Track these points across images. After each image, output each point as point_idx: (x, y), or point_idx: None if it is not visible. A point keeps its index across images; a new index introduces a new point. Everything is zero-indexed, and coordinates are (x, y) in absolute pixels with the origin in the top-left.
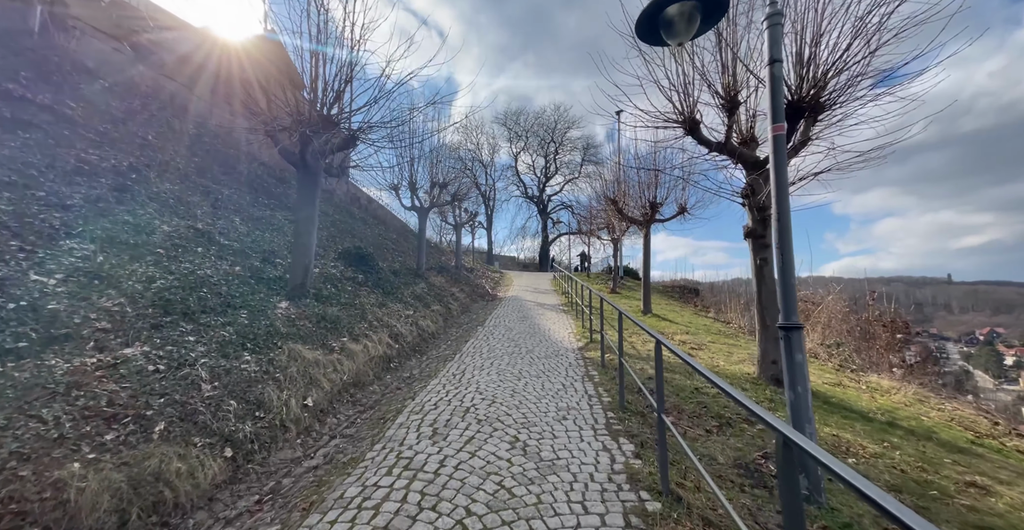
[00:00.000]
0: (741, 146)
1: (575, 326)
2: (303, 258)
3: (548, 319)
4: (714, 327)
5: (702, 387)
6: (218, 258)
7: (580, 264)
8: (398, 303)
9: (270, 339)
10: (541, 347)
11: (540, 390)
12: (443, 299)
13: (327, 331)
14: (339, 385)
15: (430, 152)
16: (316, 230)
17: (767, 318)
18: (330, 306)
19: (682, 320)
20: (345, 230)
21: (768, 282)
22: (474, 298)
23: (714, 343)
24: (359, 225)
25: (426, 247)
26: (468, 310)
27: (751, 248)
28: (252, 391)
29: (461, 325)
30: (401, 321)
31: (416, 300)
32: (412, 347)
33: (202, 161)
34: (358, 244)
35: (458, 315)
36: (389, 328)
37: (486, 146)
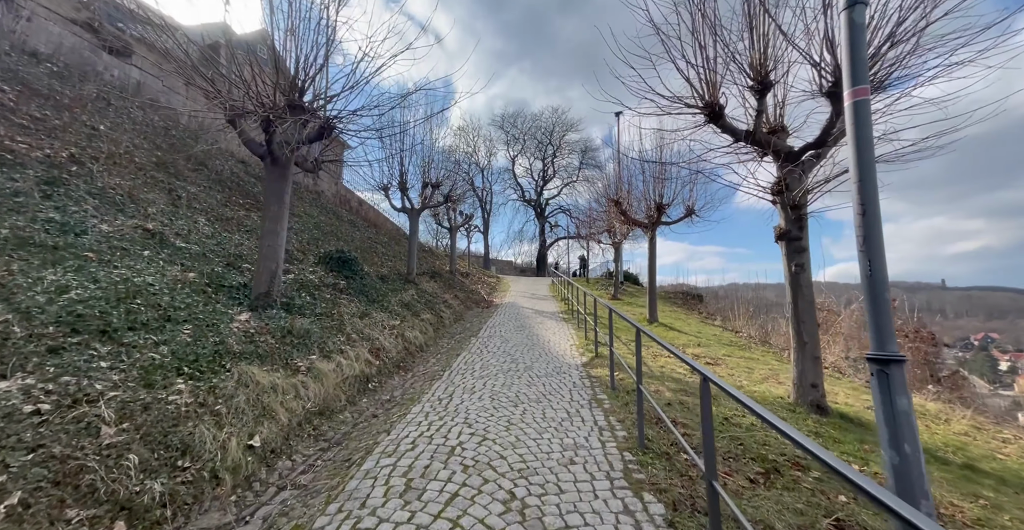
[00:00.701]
0: (770, 135)
1: (576, 337)
2: (269, 263)
3: (547, 329)
4: (724, 337)
5: (732, 416)
6: (168, 263)
7: (579, 269)
8: (383, 312)
9: (217, 360)
10: (541, 363)
11: (541, 420)
12: (435, 307)
13: (293, 348)
14: (300, 415)
15: (420, 146)
16: (286, 231)
17: (804, 333)
18: (301, 317)
19: (690, 330)
20: (330, 233)
21: (805, 291)
22: (468, 305)
23: (730, 357)
24: (347, 228)
25: (418, 251)
26: (462, 318)
27: (784, 252)
28: (177, 432)
29: (454, 335)
30: (385, 333)
31: (404, 308)
32: (396, 363)
33: (167, 155)
34: (341, 247)
35: (450, 324)
36: (370, 341)
37: (483, 149)
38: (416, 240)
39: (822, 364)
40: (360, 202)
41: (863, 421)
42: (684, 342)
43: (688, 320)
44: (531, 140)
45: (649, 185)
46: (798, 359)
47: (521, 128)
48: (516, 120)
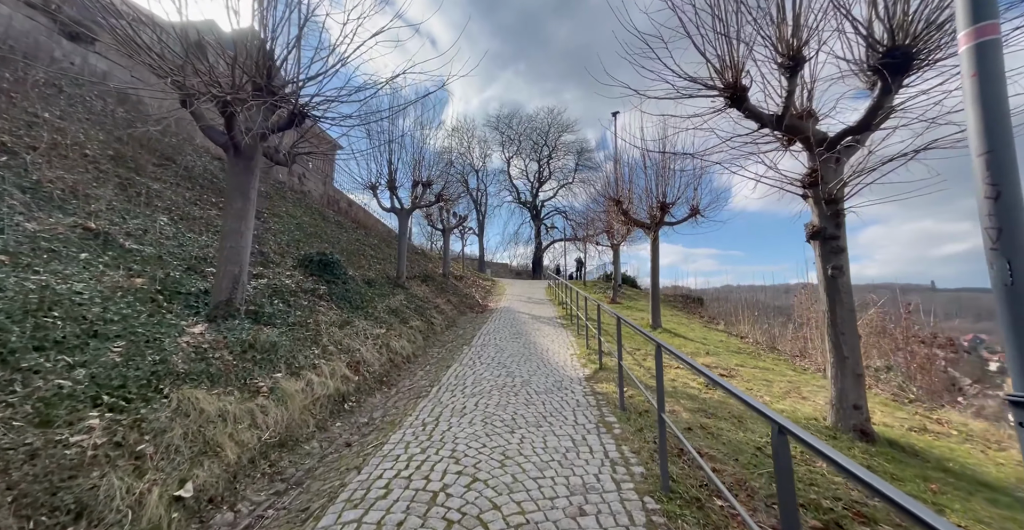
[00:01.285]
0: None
1: (577, 345)
2: (231, 266)
3: (545, 336)
4: (731, 344)
5: (764, 445)
6: (109, 267)
7: (576, 271)
8: (367, 320)
9: (151, 385)
10: (539, 376)
11: (542, 451)
12: (425, 312)
13: (255, 364)
14: (254, 449)
15: (410, 142)
16: (251, 230)
17: (844, 346)
18: (270, 328)
19: (695, 335)
20: (314, 234)
21: (844, 298)
22: (462, 310)
23: (743, 367)
24: (333, 229)
25: (407, 253)
26: (454, 324)
27: (818, 253)
28: (72, 487)
29: (445, 344)
30: (367, 344)
31: (391, 315)
32: (379, 378)
33: (127, 148)
34: (324, 249)
35: (442, 331)
36: (349, 354)
37: (477, 150)
38: (405, 242)
39: (865, 382)
40: (350, 203)
41: (916, 450)
42: (692, 350)
43: (691, 325)
44: (526, 141)
45: (652, 183)
46: (837, 376)
47: (516, 129)
48: (511, 121)
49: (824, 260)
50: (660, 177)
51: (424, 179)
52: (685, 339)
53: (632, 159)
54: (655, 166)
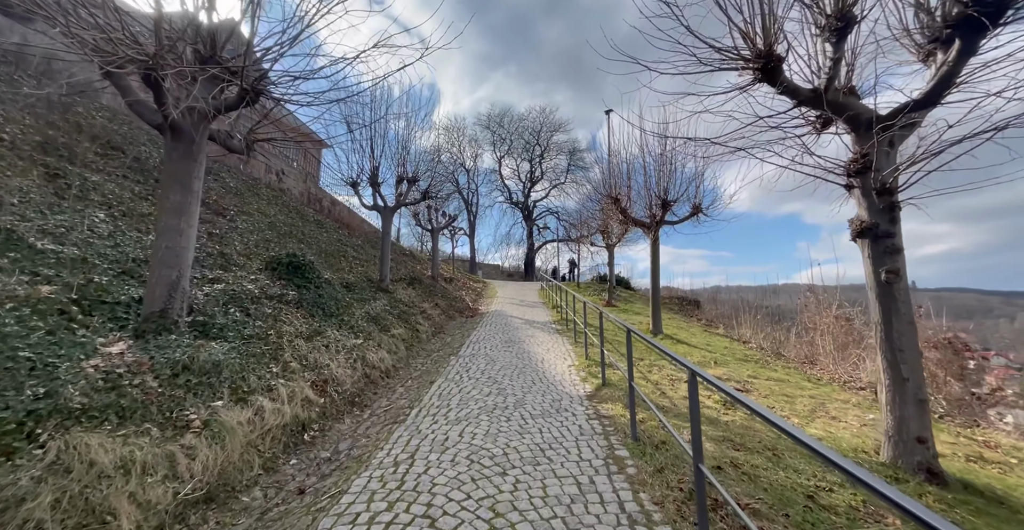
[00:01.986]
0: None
1: (575, 354)
2: (168, 271)
3: (540, 344)
4: (737, 350)
5: (816, 492)
6: (6, 272)
7: (569, 272)
8: (341, 329)
9: (23, 430)
10: (535, 394)
11: (540, 502)
12: (409, 319)
13: (189, 391)
14: (166, 510)
15: (394, 135)
16: (194, 228)
17: (903, 366)
18: (218, 342)
19: (698, 341)
20: (289, 234)
21: (902, 308)
22: (451, 314)
23: (756, 379)
24: (312, 229)
25: (396, 254)
26: (442, 331)
27: (866, 254)
28: None
29: (430, 354)
30: (339, 357)
31: (370, 323)
32: (350, 398)
33: (60, 135)
34: (295, 251)
35: (428, 339)
36: (316, 371)
37: (468, 149)
38: (389, 242)
39: (929, 409)
40: (333, 202)
41: (998, 495)
42: (699, 359)
43: (691, 330)
44: (518, 140)
45: (652, 180)
46: (894, 402)
47: (507, 128)
48: (503, 120)
49: (875, 262)
50: (661, 173)
51: (409, 175)
52: (689, 346)
53: (630, 155)
54: (656, 161)
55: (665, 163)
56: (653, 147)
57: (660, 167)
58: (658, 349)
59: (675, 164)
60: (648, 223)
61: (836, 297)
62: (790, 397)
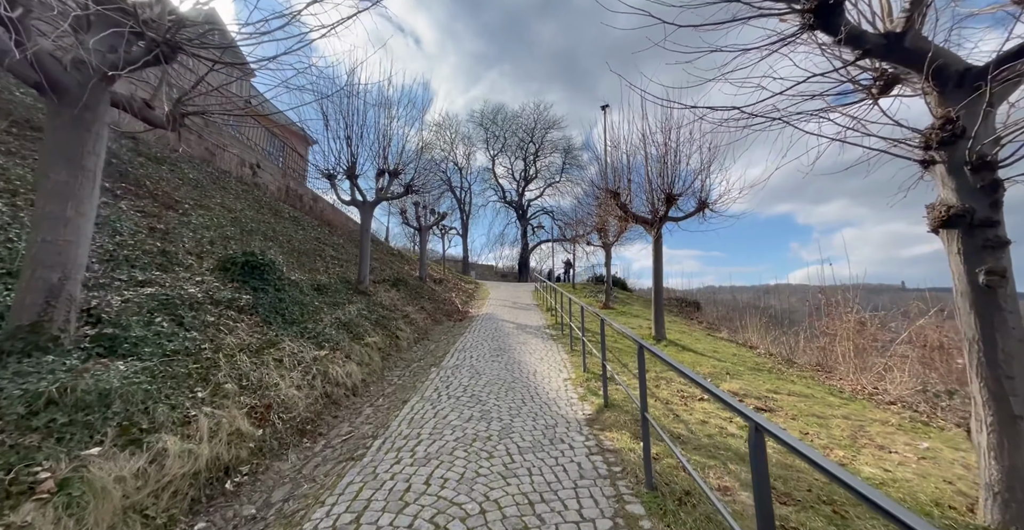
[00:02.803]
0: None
1: (571, 365)
2: (45, 272)
3: (533, 352)
4: (747, 357)
5: None
6: None
7: (564, 273)
8: (303, 338)
9: None
10: (524, 418)
11: None
12: (388, 324)
13: (53, 435)
14: None
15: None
16: (89, 217)
17: (1014, 401)
18: (123, 363)
19: (704, 347)
20: (256, 231)
21: (1009, 320)
22: (437, 318)
23: (776, 394)
24: (287, 226)
25: (378, 254)
26: (426, 337)
27: (956, 249)
28: None
29: (409, 364)
30: (293, 374)
31: (341, 330)
32: (300, 425)
33: None
34: (252, 249)
35: (408, 347)
36: (259, 392)
37: (461, 147)
38: (368, 240)
39: None
40: (316, 199)
41: None
42: (709, 370)
43: (694, 334)
44: (512, 138)
45: (655, 171)
46: (1000, 446)
47: (501, 125)
48: (496, 117)
49: (968, 260)
50: (665, 164)
51: (391, 167)
52: (696, 354)
53: (631, 146)
54: (659, 152)
55: (669, 153)
56: (657, 136)
57: (664, 157)
58: (644, 347)
59: (680, 155)
60: (650, 219)
61: (854, 299)
62: (822, 419)
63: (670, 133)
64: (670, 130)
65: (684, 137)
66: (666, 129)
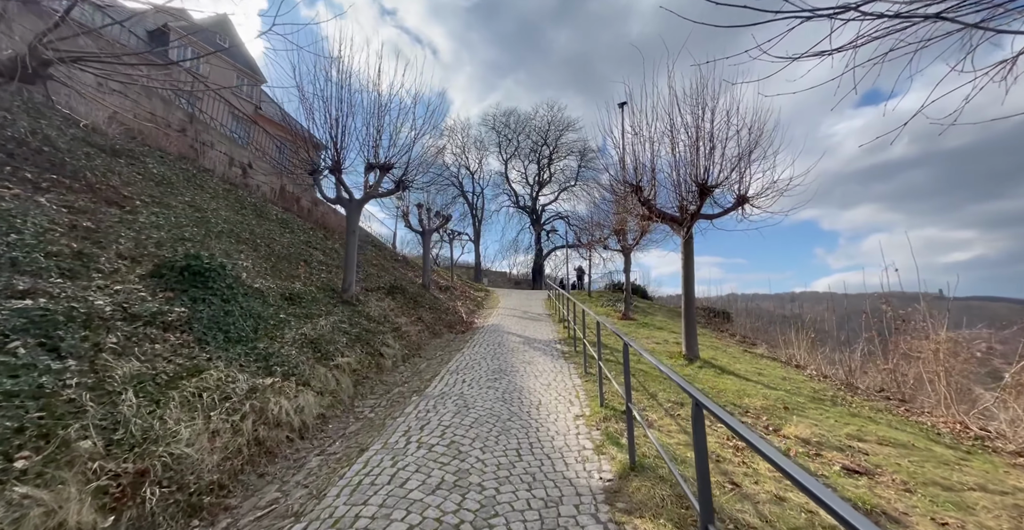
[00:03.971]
0: None
1: (584, 395)
2: None
3: (539, 375)
4: (799, 382)
5: None
6: None
7: (577, 280)
8: (248, 361)
9: None
10: (516, 485)
11: None
12: (372, 340)
13: None
14: None
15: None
16: None
17: None
18: None
19: (746, 369)
20: (226, 233)
21: None
22: (437, 330)
23: (863, 441)
24: (271, 228)
25: (374, 260)
26: (418, 353)
27: None
28: None
29: (390, 390)
30: (213, 415)
31: (304, 349)
32: (191, 500)
33: None
34: (198, 252)
35: (394, 366)
36: (140, 450)
37: (473, 151)
38: (355, 243)
39: None
40: (316, 202)
41: None
42: (761, 402)
43: (729, 350)
44: (525, 141)
45: (684, 159)
46: None
47: (514, 128)
48: (508, 119)
49: None
50: (698, 151)
51: (381, 161)
52: (738, 378)
53: (655, 132)
54: (691, 136)
55: (702, 138)
56: (686, 117)
57: (696, 143)
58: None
59: (715, 140)
60: (679, 218)
61: (944, 313)
62: (950, 490)
63: (703, 113)
64: (704, 109)
65: (720, 119)
66: (698, 107)
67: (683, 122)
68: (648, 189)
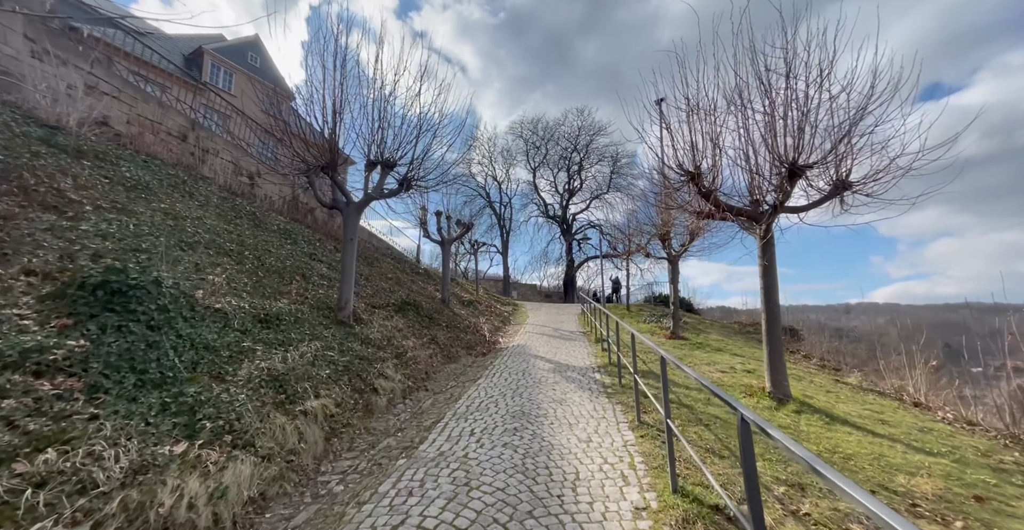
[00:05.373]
0: None
1: (643, 461)
2: None
3: (575, 424)
4: (954, 438)
5: None
6: None
7: (612, 293)
8: (152, 416)
9: None
10: None
11: None
12: (365, 370)
13: None
14: None
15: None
16: None
17: None
18: None
19: (859, 413)
20: (210, 243)
21: None
22: (452, 353)
23: None
24: (269, 239)
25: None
26: (424, 384)
27: None
28: None
29: (376, 443)
30: None
31: (263, 389)
32: None
33: None
34: (124, 265)
35: (390, 404)
36: None
37: (500, 160)
38: (353, 253)
39: None
40: (331, 214)
41: None
42: (928, 483)
43: (816, 381)
44: (554, 147)
45: (764, 132)
46: None
47: (542, 135)
48: (536, 126)
49: None
50: (787, 119)
51: (384, 156)
52: (858, 430)
53: (712, 100)
54: (769, 106)
55: (793, 102)
56: (767, 78)
57: (787, 107)
58: None
59: (811, 102)
60: (754, 212)
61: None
62: None
63: (792, 64)
64: (792, 62)
65: (817, 74)
66: (782, 60)
67: (763, 82)
68: (710, 177)
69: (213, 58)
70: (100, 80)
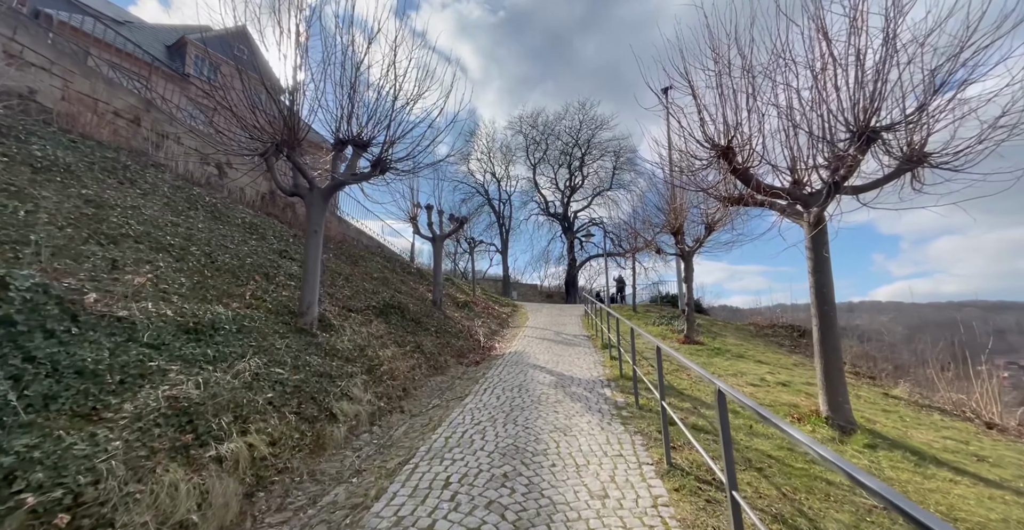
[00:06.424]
0: None
1: (677, 521)
2: None
3: (584, 466)
4: None
5: None
6: None
7: (616, 293)
8: None
9: None
10: None
11: None
12: (324, 390)
13: None
14: None
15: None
16: None
17: None
18: None
19: (946, 446)
20: (141, 236)
21: None
22: (440, 362)
23: None
24: (229, 233)
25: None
26: (400, 404)
27: None
28: None
29: (313, 501)
30: None
31: (161, 428)
32: None
33: None
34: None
35: (349, 435)
36: None
37: (499, 156)
38: (318, 248)
39: None
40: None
41: None
42: None
43: (863, 394)
44: (555, 142)
45: (827, 89)
46: None
47: (541, 130)
48: (536, 120)
49: None
50: (860, 68)
51: (355, 133)
52: (973, 478)
53: (748, 60)
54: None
55: (867, 47)
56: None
57: (861, 54)
58: None
59: (888, 49)
60: (802, 194)
61: None
62: None
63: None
64: None
65: (889, 13)
66: None
67: (819, 26)
68: (745, 152)
69: (197, 48)
70: (25, 47)
